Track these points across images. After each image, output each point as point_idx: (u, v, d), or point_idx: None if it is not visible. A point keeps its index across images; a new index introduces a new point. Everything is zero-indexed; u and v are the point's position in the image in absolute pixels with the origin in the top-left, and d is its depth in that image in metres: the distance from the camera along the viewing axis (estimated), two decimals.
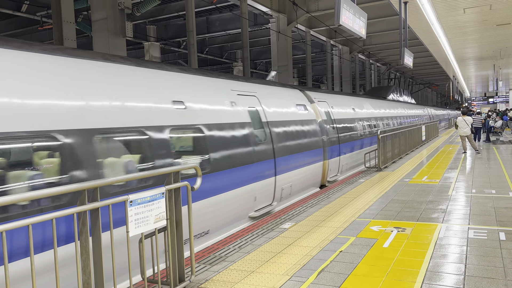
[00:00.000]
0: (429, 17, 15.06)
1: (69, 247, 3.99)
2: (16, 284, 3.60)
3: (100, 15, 12.01)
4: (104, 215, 3.31)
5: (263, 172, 7.55)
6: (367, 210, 6.93)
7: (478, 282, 3.88)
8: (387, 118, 19.53)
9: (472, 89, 63.93)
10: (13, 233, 3.60)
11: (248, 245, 5.26)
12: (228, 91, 7.31)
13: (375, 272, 4.22)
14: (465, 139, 15.69)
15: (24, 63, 4.05)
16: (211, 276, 4.28)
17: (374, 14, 21.40)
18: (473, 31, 17.88)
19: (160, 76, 5.89)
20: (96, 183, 3.05)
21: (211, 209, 6.06)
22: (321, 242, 5.26)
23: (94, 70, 4.82)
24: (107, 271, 3.18)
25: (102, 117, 4.50)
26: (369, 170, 11.82)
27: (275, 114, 8.54)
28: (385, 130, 12.49)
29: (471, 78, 44.00)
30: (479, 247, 4.84)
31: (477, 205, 7.01)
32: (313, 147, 9.91)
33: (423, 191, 8.42)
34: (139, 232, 3.33)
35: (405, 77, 49.88)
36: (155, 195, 3.48)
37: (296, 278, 4.13)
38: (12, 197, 2.55)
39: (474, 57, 26.88)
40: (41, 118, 3.90)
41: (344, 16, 7.97)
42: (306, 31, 23.66)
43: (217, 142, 6.36)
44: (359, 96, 18.26)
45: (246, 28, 17.94)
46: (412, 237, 5.35)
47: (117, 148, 4.75)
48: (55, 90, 4.16)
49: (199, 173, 4.15)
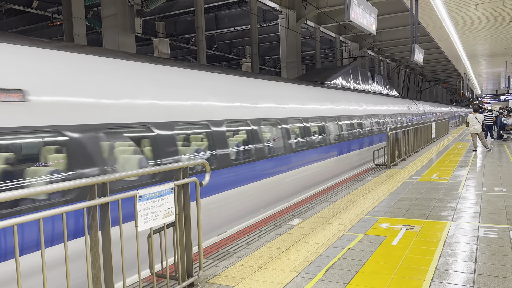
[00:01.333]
0: (440, 13, 14.89)
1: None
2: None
3: (110, 11, 12.08)
4: (114, 210, 3.33)
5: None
6: (375, 207, 6.89)
7: (488, 280, 3.85)
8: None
9: (483, 86, 63.22)
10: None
11: (256, 241, 5.27)
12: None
13: (384, 269, 4.20)
14: (475, 137, 15.51)
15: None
16: (219, 271, 4.30)
17: (384, 10, 21.23)
18: (485, 27, 17.65)
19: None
20: (106, 178, 3.07)
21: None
22: (329, 239, 5.25)
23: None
24: (116, 265, 3.21)
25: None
26: (378, 168, 11.76)
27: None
28: (395, 127, 12.38)
29: (482, 75, 43.52)
30: (490, 246, 4.80)
31: (488, 203, 6.93)
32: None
33: (432, 189, 8.36)
34: (148, 227, 3.35)
35: (415, 74, 49.48)
36: (164, 190, 3.50)
37: (304, 275, 4.13)
38: (21, 192, 2.57)
39: (486, 54, 26.56)
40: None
41: (354, 12, 7.91)
42: (315, 27, 23.54)
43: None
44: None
45: (255, 24, 17.90)
46: (421, 235, 5.31)
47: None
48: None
49: (208, 168, 4.16)
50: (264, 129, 8.22)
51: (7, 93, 3.80)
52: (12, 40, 4.15)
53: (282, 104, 9.03)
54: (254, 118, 7.81)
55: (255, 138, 7.71)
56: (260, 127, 7.92)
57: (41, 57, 4.32)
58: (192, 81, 6.59)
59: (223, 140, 6.78)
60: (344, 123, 12.90)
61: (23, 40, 4.28)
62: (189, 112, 6.20)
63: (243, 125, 7.55)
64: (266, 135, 8.30)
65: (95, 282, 3.03)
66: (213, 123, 6.63)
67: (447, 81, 60.14)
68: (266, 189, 7.87)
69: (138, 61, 5.74)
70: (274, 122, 8.59)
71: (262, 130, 8.03)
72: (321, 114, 11.17)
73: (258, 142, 7.74)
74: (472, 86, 60.44)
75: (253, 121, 7.76)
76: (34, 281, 3.73)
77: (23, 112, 3.90)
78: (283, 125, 8.82)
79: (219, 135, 6.69)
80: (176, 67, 6.43)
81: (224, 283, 4.00)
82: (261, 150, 7.77)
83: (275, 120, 8.59)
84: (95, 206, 3.02)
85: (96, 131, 4.57)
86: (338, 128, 12.23)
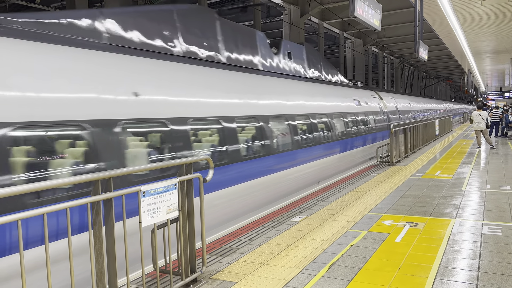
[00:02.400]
0: (445, 9, 14.80)
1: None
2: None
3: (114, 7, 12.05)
4: (118, 205, 3.34)
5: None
6: (379, 204, 6.88)
7: (492, 278, 3.83)
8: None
9: (488, 83, 62.90)
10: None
11: (259, 237, 5.27)
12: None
13: (387, 266, 4.19)
14: (480, 134, 15.45)
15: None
16: (222, 267, 4.30)
17: (388, 6, 21.10)
18: (490, 23, 17.54)
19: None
20: (110, 173, 3.07)
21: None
22: (333, 235, 5.24)
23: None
24: (119, 261, 3.21)
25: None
26: (381, 164, 11.73)
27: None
28: (398, 124, 12.31)
29: (487, 72, 43.30)
30: (493, 243, 4.78)
31: (492, 200, 6.90)
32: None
33: (436, 186, 8.33)
34: (151, 223, 3.35)
35: (419, 71, 49.26)
36: (167, 186, 3.49)
37: (307, 271, 4.13)
38: (26, 187, 2.58)
39: (491, 51, 26.41)
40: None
41: (359, 7, 7.87)
42: (319, 23, 23.45)
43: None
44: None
45: (258, 20, 17.85)
46: (425, 232, 5.30)
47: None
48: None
49: (211, 165, 4.15)
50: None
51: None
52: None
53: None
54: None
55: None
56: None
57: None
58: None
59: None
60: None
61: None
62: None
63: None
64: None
65: (98, 278, 3.04)
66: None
67: (451, 78, 59.86)
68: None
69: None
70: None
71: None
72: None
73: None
74: (476, 83, 60.14)
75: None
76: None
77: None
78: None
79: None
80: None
81: (227, 279, 4.01)
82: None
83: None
84: (99, 201, 3.03)
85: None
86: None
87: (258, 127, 7.85)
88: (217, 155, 6.56)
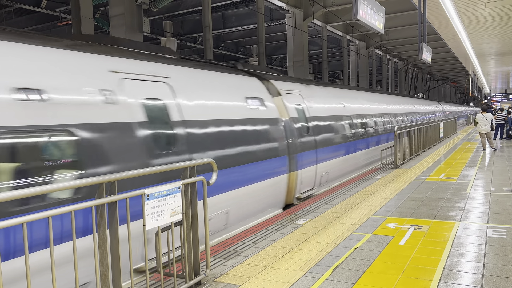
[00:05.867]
0: (449, 12, 14.78)
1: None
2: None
3: (118, 10, 12.14)
4: (122, 208, 3.35)
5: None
6: (383, 207, 6.86)
7: (497, 281, 3.82)
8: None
9: (492, 85, 62.62)
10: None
11: (262, 240, 5.27)
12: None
13: (391, 269, 4.18)
14: (484, 136, 15.38)
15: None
16: (226, 270, 4.30)
17: (392, 8, 21.07)
18: (494, 25, 17.49)
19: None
20: (114, 176, 3.09)
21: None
22: (336, 238, 5.24)
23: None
24: (123, 263, 3.23)
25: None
26: (385, 167, 11.71)
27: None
28: (402, 127, 12.30)
29: (491, 74, 43.12)
30: (498, 246, 4.76)
31: (496, 203, 6.87)
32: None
33: (440, 188, 8.30)
34: (155, 226, 3.37)
35: (423, 73, 49.15)
36: (171, 189, 3.51)
37: (311, 274, 4.12)
38: (32, 190, 2.60)
39: (495, 53, 26.32)
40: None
41: (362, 10, 7.87)
42: (323, 26, 23.46)
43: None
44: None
45: (262, 23, 17.89)
46: (429, 235, 5.28)
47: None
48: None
49: (215, 168, 4.17)
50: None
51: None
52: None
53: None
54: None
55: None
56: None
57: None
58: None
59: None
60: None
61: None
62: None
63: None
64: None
65: (103, 280, 3.05)
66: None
67: (456, 80, 59.65)
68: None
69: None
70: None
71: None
72: None
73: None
74: (481, 85, 59.91)
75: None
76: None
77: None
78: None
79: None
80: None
81: (231, 282, 4.01)
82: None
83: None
84: (103, 204, 3.04)
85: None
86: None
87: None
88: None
